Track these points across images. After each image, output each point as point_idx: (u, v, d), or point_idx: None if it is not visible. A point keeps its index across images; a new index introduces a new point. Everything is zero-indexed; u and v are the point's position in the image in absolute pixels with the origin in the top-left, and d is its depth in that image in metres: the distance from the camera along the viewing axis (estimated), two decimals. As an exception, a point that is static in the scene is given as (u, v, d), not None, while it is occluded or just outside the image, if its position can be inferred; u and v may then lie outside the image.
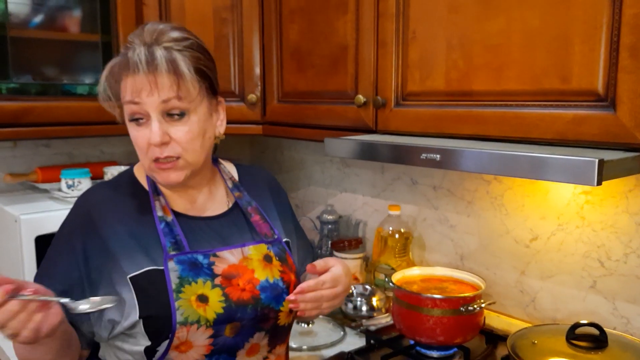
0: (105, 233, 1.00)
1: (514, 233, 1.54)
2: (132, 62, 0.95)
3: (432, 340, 1.37)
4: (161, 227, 1.02)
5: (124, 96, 0.98)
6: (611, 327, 1.34)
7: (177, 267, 0.99)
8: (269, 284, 1.04)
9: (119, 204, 1.05)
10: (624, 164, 0.95)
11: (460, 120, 1.23)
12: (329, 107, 1.54)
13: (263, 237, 1.10)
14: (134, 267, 0.98)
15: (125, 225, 1.02)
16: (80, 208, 1.05)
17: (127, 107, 0.99)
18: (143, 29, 1.00)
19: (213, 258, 1.02)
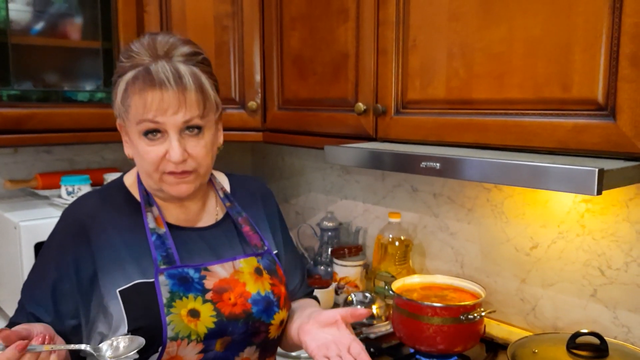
0: (96, 244, 0.99)
1: (515, 241, 1.54)
2: (159, 79, 0.94)
3: (432, 349, 1.37)
4: (152, 239, 1.01)
5: (142, 112, 0.95)
6: (612, 336, 1.34)
7: (167, 282, 0.97)
8: (261, 297, 1.03)
9: (109, 214, 1.03)
10: (624, 173, 0.95)
11: (461, 128, 1.23)
12: (329, 115, 1.54)
13: (253, 248, 1.10)
14: (123, 280, 0.97)
15: (115, 236, 1.01)
16: (70, 218, 1.04)
17: (138, 125, 0.96)
18: (154, 41, 0.98)
19: (204, 272, 1.01)
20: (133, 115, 0.97)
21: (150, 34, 1.02)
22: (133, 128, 0.98)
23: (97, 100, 1.71)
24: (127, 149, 1.05)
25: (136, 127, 0.97)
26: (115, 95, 1.00)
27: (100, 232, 1.00)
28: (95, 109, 1.69)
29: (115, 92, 1.00)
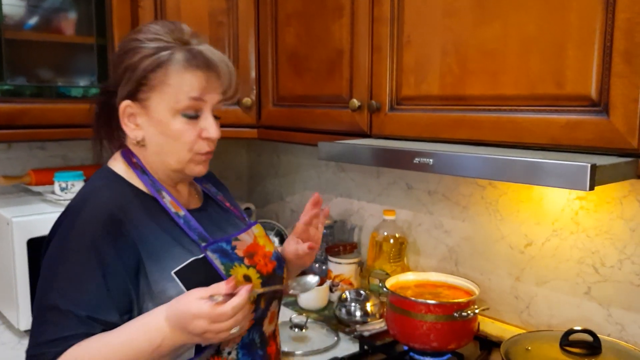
0: (135, 234, 0.97)
1: (509, 239, 1.54)
2: (212, 59, 0.99)
3: (425, 346, 1.36)
4: (181, 222, 1.03)
5: (189, 91, 0.98)
6: (605, 333, 1.33)
7: (214, 255, 1.01)
8: (276, 255, 1.15)
9: (129, 205, 1.00)
10: (617, 169, 0.95)
11: (454, 124, 1.23)
12: (324, 112, 1.54)
13: (242, 220, 1.18)
14: (175, 262, 0.98)
15: (150, 224, 1.00)
16: (98, 213, 0.96)
17: (190, 101, 0.98)
18: (176, 26, 1.02)
19: (235, 242, 1.06)
20: (182, 92, 0.98)
21: (166, 21, 1.08)
22: (170, 106, 0.98)
23: (91, 96, 1.70)
24: (134, 132, 1.02)
25: (178, 105, 0.98)
26: (143, 72, 0.98)
27: (134, 222, 0.98)
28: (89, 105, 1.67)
29: (144, 69, 0.97)
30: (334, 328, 1.61)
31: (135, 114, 1.01)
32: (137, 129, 1.02)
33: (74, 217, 0.97)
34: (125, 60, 1.00)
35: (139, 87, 0.99)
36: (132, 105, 1.00)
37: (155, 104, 0.99)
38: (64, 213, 1.00)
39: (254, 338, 1.07)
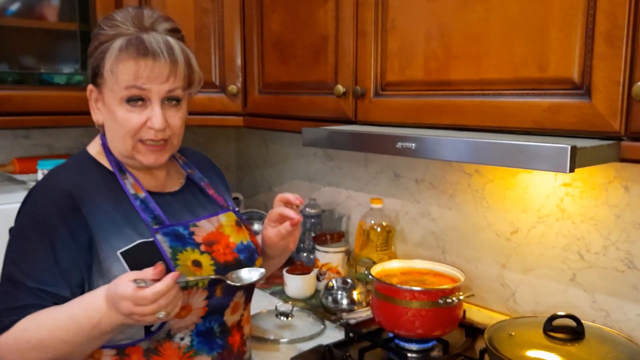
0: (88, 211, 1.00)
1: (495, 226, 1.53)
2: (153, 48, 0.98)
3: (410, 333, 1.36)
4: (137, 203, 1.04)
5: (131, 79, 0.98)
6: (590, 319, 1.33)
7: (164, 239, 1.02)
8: (244, 245, 1.13)
9: (89, 183, 1.04)
10: (598, 152, 0.94)
11: (439, 110, 1.22)
12: (309, 98, 1.53)
13: (222, 207, 1.18)
14: (123, 242, 1.00)
15: (104, 203, 1.02)
16: (53, 191, 1.01)
17: (126, 90, 0.99)
18: (140, 13, 1.02)
19: (193, 228, 1.07)
20: (119, 81, 0.99)
21: (133, 7, 1.07)
22: (114, 94, 1.01)
23: (74, 83, 1.68)
24: (96, 115, 1.07)
25: (119, 93, 1.00)
26: (95, 60, 1.02)
27: (88, 200, 1.01)
28: (73, 92, 1.66)
29: (96, 57, 1.02)
30: (321, 316, 1.61)
31: (97, 99, 1.06)
32: (98, 112, 1.07)
33: (32, 195, 1.02)
34: (90, 46, 1.05)
35: (95, 73, 1.03)
36: (94, 90, 1.06)
37: (106, 91, 1.02)
38: (28, 193, 1.04)
39: (213, 327, 1.07)
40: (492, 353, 1.16)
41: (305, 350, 1.39)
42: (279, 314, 1.57)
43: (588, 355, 1.13)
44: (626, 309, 1.30)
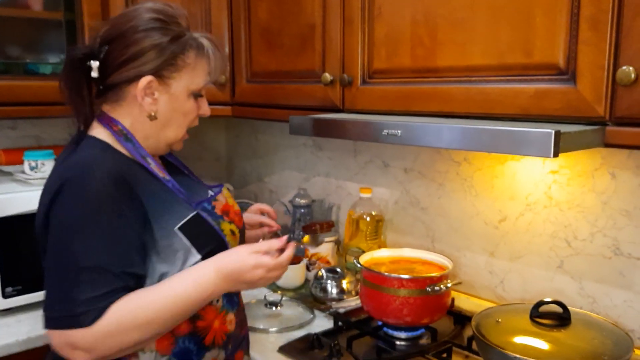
0: (141, 193, 1.03)
1: (484, 215, 1.53)
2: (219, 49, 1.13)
3: (399, 321, 1.36)
4: (169, 185, 1.09)
5: (207, 75, 1.11)
6: (578, 306, 1.34)
7: (203, 213, 1.10)
8: (241, 212, 1.27)
9: (128, 168, 1.05)
10: (582, 137, 0.94)
11: (425, 97, 1.21)
12: (297, 87, 1.52)
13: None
14: (177, 219, 1.05)
15: (147, 185, 1.05)
16: (106, 174, 0.99)
17: (199, 84, 1.10)
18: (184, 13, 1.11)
19: (214, 202, 1.15)
20: (197, 75, 1.09)
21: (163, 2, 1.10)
22: (186, 86, 1.08)
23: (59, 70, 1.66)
24: (151, 105, 1.07)
25: (193, 86, 1.09)
26: (172, 53, 1.05)
27: (135, 182, 1.03)
28: (59, 80, 1.64)
29: (173, 50, 1.05)
30: (310, 306, 1.61)
31: (154, 90, 1.06)
32: (154, 103, 1.07)
33: (84, 183, 0.99)
34: (147, 38, 1.04)
35: (166, 66, 1.05)
36: (154, 81, 1.05)
37: (176, 83, 1.07)
38: (64, 183, 0.99)
39: None
40: (479, 340, 1.16)
41: (294, 339, 1.39)
42: (268, 304, 1.57)
43: (574, 341, 1.14)
44: (613, 295, 1.30)
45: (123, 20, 1.05)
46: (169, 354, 1.05)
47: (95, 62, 1.04)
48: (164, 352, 1.04)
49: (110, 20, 1.09)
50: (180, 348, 1.05)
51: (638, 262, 1.25)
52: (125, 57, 1.03)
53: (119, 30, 1.04)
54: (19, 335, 1.42)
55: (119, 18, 1.07)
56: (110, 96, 1.07)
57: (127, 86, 1.05)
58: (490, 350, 1.13)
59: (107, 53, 1.04)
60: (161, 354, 1.04)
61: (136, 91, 1.05)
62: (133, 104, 1.07)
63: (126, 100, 1.07)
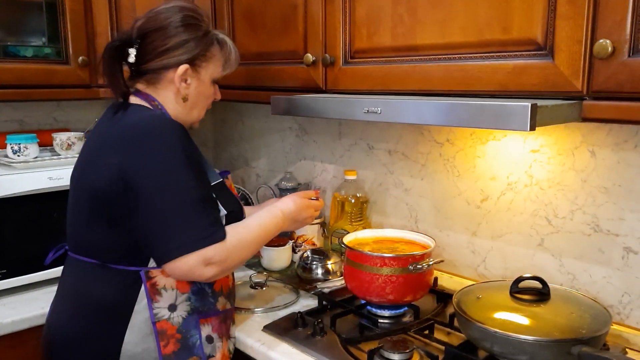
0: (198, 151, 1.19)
1: (466, 194, 1.55)
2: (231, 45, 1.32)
3: (382, 299, 1.37)
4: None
5: (228, 65, 1.31)
6: (558, 283, 1.36)
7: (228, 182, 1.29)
8: None
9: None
10: (559, 110, 0.95)
11: (406, 75, 1.22)
12: (280, 68, 1.52)
13: None
14: (213, 179, 1.21)
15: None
16: (178, 126, 1.14)
17: (220, 73, 1.30)
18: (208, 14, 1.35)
19: (225, 180, 1.28)
20: (217, 65, 1.27)
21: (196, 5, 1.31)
22: (211, 75, 1.27)
23: (42, 55, 1.65)
24: (185, 89, 1.24)
25: (216, 75, 1.28)
26: (205, 45, 1.23)
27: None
28: (41, 65, 1.63)
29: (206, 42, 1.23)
30: (295, 287, 1.61)
31: (188, 76, 1.23)
32: (187, 87, 1.24)
33: (164, 132, 1.11)
34: (185, 33, 1.20)
35: (199, 56, 1.23)
36: (189, 69, 1.22)
37: (205, 71, 1.25)
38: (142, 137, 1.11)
39: None
40: (460, 316, 1.17)
41: (278, 319, 1.40)
42: (254, 285, 1.58)
43: (553, 316, 1.16)
44: (592, 272, 1.32)
45: (161, 16, 1.20)
46: (188, 292, 1.18)
47: (132, 50, 1.20)
48: (184, 291, 1.17)
49: (146, 15, 1.22)
50: (197, 288, 1.19)
51: (617, 238, 1.27)
52: (167, 47, 1.19)
53: (159, 24, 1.19)
54: (3, 317, 1.42)
55: (156, 14, 1.21)
56: (147, 79, 1.23)
57: (166, 72, 1.21)
58: (471, 325, 1.14)
59: (146, 43, 1.20)
60: (181, 292, 1.17)
61: (174, 76, 1.21)
62: (169, 87, 1.22)
63: (162, 83, 1.22)
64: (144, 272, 1.14)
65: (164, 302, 1.16)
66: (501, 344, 1.09)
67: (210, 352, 1.21)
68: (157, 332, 1.15)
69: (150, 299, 1.15)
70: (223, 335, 1.25)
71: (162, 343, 1.15)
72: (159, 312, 1.15)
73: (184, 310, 1.18)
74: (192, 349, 1.18)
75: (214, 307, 1.23)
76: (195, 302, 1.19)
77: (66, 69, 1.68)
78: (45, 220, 1.58)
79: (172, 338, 1.16)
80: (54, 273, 1.59)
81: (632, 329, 1.26)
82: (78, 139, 1.74)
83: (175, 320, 1.17)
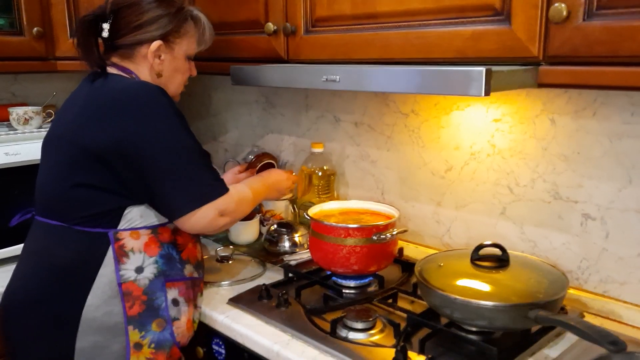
0: None
1: (431, 165, 1.55)
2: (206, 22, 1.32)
3: (347, 270, 1.38)
4: None
5: (202, 41, 1.33)
6: (519, 250, 1.38)
7: None
8: None
9: None
10: (514, 76, 0.95)
11: (366, 44, 1.20)
12: (241, 38, 1.49)
13: None
14: None
15: None
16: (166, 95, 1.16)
17: (194, 49, 1.32)
18: None
19: None
20: (191, 42, 1.29)
21: None
22: (185, 51, 1.28)
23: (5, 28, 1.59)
24: (160, 66, 1.25)
25: (189, 51, 1.29)
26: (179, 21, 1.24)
27: None
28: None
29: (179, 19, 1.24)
30: (263, 260, 1.61)
31: (161, 52, 1.24)
32: (161, 63, 1.25)
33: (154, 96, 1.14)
34: (159, 8, 1.21)
35: (172, 32, 1.24)
36: (162, 45, 1.23)
37: (178, 47, 1.26)
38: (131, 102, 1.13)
39: None
40: (422, 284, 1.18)
41: (243, 292, 1.39)
42: (220, 259, 1.57)
43: (512, 282, 1.17)
44: (552, 238, 1.34)
45: None
46: (156, 255, 1.20)
47: (106, 25, 1.20)
48: (152, 254, 1.19)
49: None
50: (165, 252, 1.21)
51: (575, 205, 1.29)
52: (140, 22, 1.20)
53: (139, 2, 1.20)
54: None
55: None
56: (121, 53, 1.23)
57: (139, 47, 1.22)
58: (432, 293, 1.15)
59: (120, 18, 1.20)
60: (149, 255, 1.19)
61: (147, 52, 1.21)
62: (142, 62, 1.23)
63: (136, 58, 1.23)
64: (112, 233, 1.15)
65: (131, 265, 1.17)
66: (461, 310, 1.11)
67: (175, 314, 1.22)
68: (123, 293, 1.16)
69: (117, 260, 1.15)
70: (190, 301, 1.26)
71: (128, 304, 1.16)
72: (125, 273, 1.16)
73: (151, 272, 1.19)
74: (158, 311, 1.19)
75: (181, 273, 1.24)
76: (162, 265, 1.20)
77: (20, 41, 1.62)
78: (3, 196, 1.54)
79: (137, 300, 1.17)
80: (15, 251, 1.56)
81: (590, 294, 1.29)
82: (35, 114, 1.69)
83: (142, 282, 1.18)
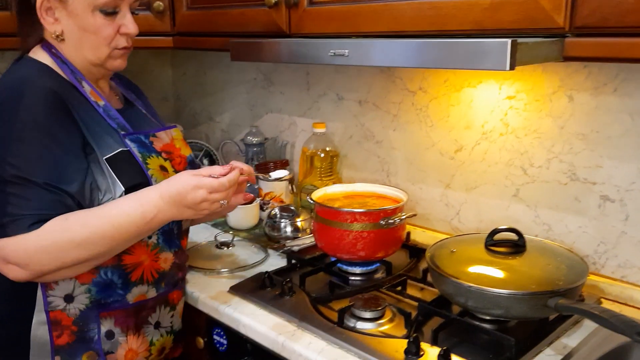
0: (77, 115, 1.03)
1: (439, 145, 1.48)
2: None
3: (353, 256, 1.32)
4: (100, 110, 1.08)
5: None
6: (533, 234, 1.32)
7: (133, 145, 1.08)
8: (191, 159, 1.24)
9: (68, 93, 1.04)
10: (540, 48, 0.88)
11: (375, 15, 1.12)
12: (240, 11, 1.40)
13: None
14: (107, 150, 1.04)
15: (80, 110, 1.04)
16: (41, 90, 1.00)
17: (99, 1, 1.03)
18: None
19: (152, 138, 1.13)
20: None
21: None
22: (86, 4, 1.03)
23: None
24: (55, 25, 1.05)
25: (93, 3, 1.03)
26: None
27: (74, 105, 1.03)
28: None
29: None
30: (264, 245, 1.55)
31: (53, 8, 1.04)
32: (56, 23, 1.05)
33: (17, 98, 0.98)
34: None
35: None
36: (48, 1, 1.03)
37: (73, 1, 1.02)
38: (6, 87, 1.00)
39: (173, 228, 1.16)
40: (434, 271, 1.12)
41: (245, 279, 1.33)
42: (219, 244, 1.51)
43: (529, 268, 1.12)
44: (568, 222, 1.28)
45: None
46: (89, 282, 1.05)
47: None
48: (83, 281, 1.04)
49: None
50: (102, 279, 1.06)
51: (593, 186, 1.23)
52: None
53: None
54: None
55: None
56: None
57: (32, 10, 1.04)
58: (444, 280, 1.09)
59: None
60: (80, 282, 1.04)
61: None
62: (45, 31, 1.07)
63: (39, 26, 1.07)
64: None
65: (60, 292, 1.04)
66: (476, 299, 1.05)
67: (109, 348, 1.09)
68: (50, 321, 1.04)
69: (44, 285, 1.03)
70: (130, 329, 1.12)
71: (56, 333, 1.05)
72: (53, 300, 1.04)
73: (82, 302, 1.05)
74: (89, 343, 1.07)
75: (121, 300, 1.09)
76: (96, 293, 1.06)
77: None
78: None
79: (67, 329, 1.05)
80: None
81: (608, 279, 1.23)
82: None
83: (72, 312, 1.05)
